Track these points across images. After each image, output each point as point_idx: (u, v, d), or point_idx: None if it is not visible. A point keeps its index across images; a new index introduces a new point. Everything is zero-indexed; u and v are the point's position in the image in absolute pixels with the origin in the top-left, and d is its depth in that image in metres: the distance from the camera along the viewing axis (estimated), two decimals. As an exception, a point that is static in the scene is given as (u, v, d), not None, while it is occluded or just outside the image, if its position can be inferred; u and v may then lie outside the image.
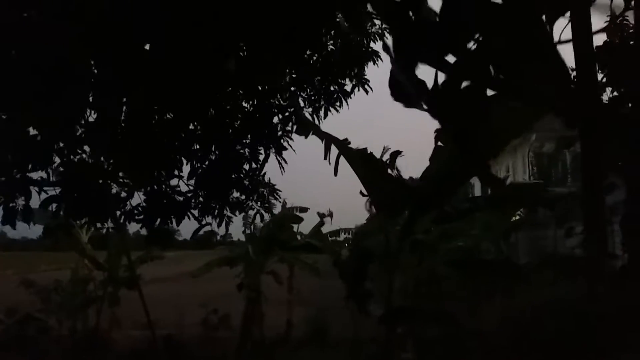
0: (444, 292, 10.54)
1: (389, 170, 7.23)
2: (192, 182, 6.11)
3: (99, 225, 6.25)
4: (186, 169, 6.06)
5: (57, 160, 5.75)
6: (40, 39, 4.47)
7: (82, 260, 12.53)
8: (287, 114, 5.75)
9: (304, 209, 13.52)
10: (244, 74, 5.15)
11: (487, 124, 2.99)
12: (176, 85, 4.95)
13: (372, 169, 5.62)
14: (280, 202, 6.93)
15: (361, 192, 5.86)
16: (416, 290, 10.16)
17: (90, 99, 5.17)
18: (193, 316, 12.26)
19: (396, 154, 6.03)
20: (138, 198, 5.89)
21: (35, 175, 5.66)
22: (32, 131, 5.38)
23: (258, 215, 6.90)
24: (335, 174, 5.03)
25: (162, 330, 10.41)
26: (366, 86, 6.32)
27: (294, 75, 5.70)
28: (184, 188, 6.15)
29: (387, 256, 8.62)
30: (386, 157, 8.48)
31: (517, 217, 11.92)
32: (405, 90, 2.77)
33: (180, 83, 4.96)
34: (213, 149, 5.73)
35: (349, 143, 5.11)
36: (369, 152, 5.37)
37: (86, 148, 5.73)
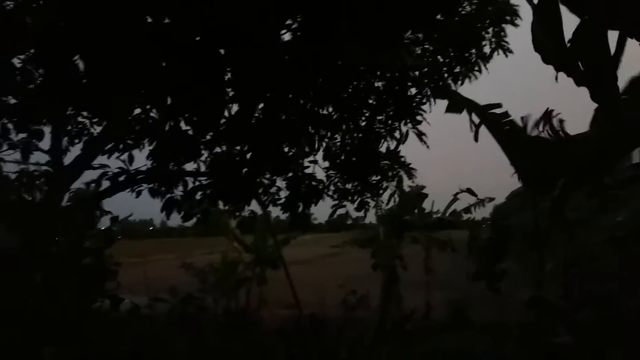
0: (600, 272, 9.51)
1: (547, 134, 6.57)
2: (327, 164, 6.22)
3: (245, 210, 6.62)
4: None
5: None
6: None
7: (232, 244, 13.65)
8: (421, 85, 5.50)
9: (422, 191, 12.97)
10: (374, 50, 5.02)
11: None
12: (307, 69, 5.00)
13: (517, 138, 5.16)
14: (415, 182, 6.68)
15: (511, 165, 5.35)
16: (568, 270, 9.30)
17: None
18: (332, 297, 12.64)
19: (549, 114, 5.39)
20: (280, 184, 6.17)
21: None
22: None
23: (386, 196, 6.72)
24: (476, 139, 4.68)
25: (305, 310, 10.87)
26: (506, 49, 5.76)
27: (428, 46, 5.41)
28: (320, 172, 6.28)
29: (536, 234, 7.99)
30: (532, 124, 7.76)
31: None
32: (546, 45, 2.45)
33: (310, 66, 5.00)
34: (349, 130, 5.72)
35: (494, 108, 4.71)
36: (513, 119, 4.94)
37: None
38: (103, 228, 7.87)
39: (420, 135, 5.57)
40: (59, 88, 4.85)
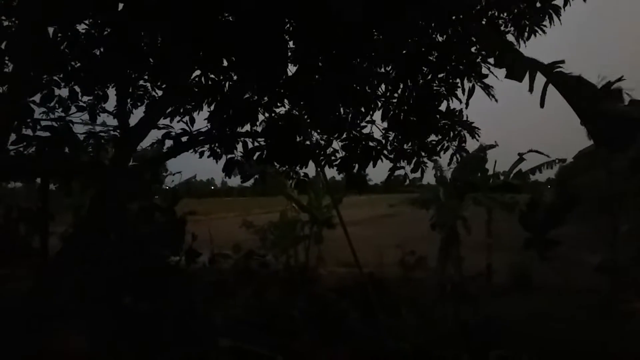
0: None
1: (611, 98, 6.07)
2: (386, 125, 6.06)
3: (302, 171, 6.66)
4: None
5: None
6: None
7: (289, 203, 13.94)
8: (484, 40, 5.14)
9: (491, 146, 12.57)
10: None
11: None
12: (364, 24, 4.83)
13: (589, 96, 4.79)
14: (478, 141, 6.36)
15: (581, 124, 5.00)
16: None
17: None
18: (389, 257, 12.64)
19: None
20: (336, 145, 6.12)
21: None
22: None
23: (450, 155, 6.44)
24: (542, 105, 4.40)
25: (363, 269, 10.94)
26: None
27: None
28: (377, 132, 6.15)
29: (608, 195, 7.51)
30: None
31: None
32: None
33: (368, 21, 4.82)
34: (407, 89, 5.51)
35: (559, 66, 4.38)
36: (583, 78, 4.58)
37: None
38: (168, 187, 8.23)
39: (487, 89, 5.24)
40: (122, 52, 4.99)
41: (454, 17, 4.94)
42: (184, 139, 5.91)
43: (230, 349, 6.12)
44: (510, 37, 5.45)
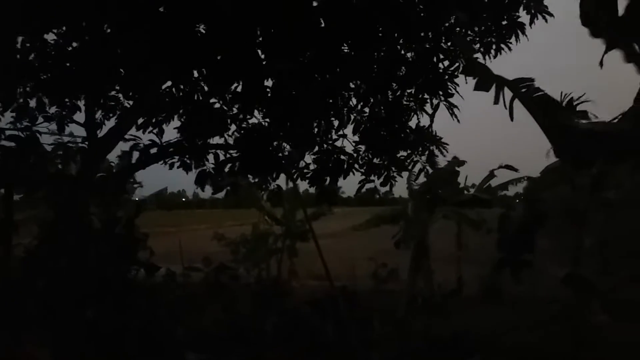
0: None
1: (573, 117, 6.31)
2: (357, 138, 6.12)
3: (273, 183, 6.65)
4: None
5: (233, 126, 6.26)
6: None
7: (262, 216, 13.86)
8: (452, 57, 5.28)
9: (461, 163, 12.80)
10: (402, 19, 4.84)
11: None
12: (335, 42, 4.89)
13: (554, 114, 4.97)
14: (446, 156, 6.48)
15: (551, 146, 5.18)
16: (607, 248, 8.99)
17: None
18: (362, 269, 12.68)
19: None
20: (308, 158, 6.13)
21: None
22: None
23: (418, 170, 6.54)
24: (512, 119, 4.53)
25: (335, 282, 10.95)
26: (545, 15, 5.42)
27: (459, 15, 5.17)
28: (349, 146, 6.20)
29: (573, 211, 7.72)
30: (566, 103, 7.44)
31: None
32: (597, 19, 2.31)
33: (338, 36, 4.88)
34: (377, 103, 5.59)
35: (528, 84, 4.54)
36: (549, 95, 4.74)
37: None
38: (136, 199, 8.09)
39: (451, 108, 5.38)
40: (92, 62, 4.93)
41: (422, 34, 5.06)
42: (153, 150, 5.83)
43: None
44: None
